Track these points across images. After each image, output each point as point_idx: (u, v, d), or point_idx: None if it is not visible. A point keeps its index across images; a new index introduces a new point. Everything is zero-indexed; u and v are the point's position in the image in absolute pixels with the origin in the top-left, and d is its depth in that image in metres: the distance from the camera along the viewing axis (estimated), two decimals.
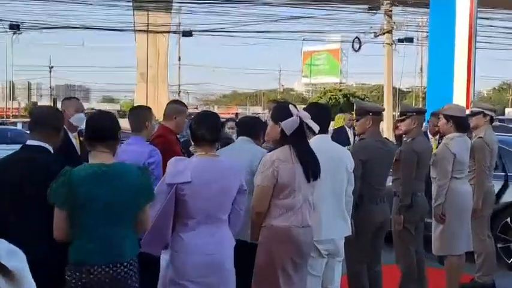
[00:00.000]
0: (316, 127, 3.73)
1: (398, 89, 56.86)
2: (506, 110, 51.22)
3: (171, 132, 4.95)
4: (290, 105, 3.78)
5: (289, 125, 3.65)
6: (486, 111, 6.22)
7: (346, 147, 5.33)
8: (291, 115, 3.67)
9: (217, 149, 4.55)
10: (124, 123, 3.79)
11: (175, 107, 5.08)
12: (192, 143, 3.53)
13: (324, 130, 4.14)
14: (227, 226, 3.48)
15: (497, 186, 6.69)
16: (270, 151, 3.87)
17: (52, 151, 3.25)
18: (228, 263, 3.43)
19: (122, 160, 4.05)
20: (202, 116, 3.56)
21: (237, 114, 29.12)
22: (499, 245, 6.86)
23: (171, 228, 3.33)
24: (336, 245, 4.22)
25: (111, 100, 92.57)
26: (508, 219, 7.02)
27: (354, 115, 5.11)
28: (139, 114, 4.63)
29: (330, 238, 4.15)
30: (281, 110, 3.80)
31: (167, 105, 5.14)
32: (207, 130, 3.41)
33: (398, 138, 5.60)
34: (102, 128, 3.03)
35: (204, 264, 3.33)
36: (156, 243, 3.35)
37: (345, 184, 4.27)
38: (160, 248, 3.41)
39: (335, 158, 4.19)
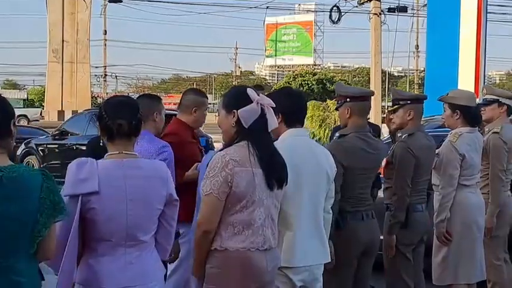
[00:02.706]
0: (274, 122, 3.76)
1: (388, 73, 57.76)
2: None
3: (187, 128, 5.51)
4: (248, 89, 3.79)
5: (247, 114, 3.66)
6: (502, 100, 6.26)
7: None
8: (250, 101, 3.67)
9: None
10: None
11: (194, 98, 5.60)
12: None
13: (298, 122, 4.21)
14: (153, 250, 3.48)
15: None
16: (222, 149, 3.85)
17: None
18: None
19: None
20: (116, 101, 3.54)
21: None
22: None
23: (76, 255, 3.30)
24: (313, 274, 4.19)
25: (14, 86, 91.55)
26: None
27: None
28: (147, 103, 4.90)
29: (306, 265, 4.13)
30: (237, 94, 3.82)
31: (183, 95, 5.74)
32: (126, 120, 3.38)
33: (392, 134, 5.57)
34: None
35: None
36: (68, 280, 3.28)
37: (324, 195, 4.26)
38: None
39: (314, 160, 4.18)
